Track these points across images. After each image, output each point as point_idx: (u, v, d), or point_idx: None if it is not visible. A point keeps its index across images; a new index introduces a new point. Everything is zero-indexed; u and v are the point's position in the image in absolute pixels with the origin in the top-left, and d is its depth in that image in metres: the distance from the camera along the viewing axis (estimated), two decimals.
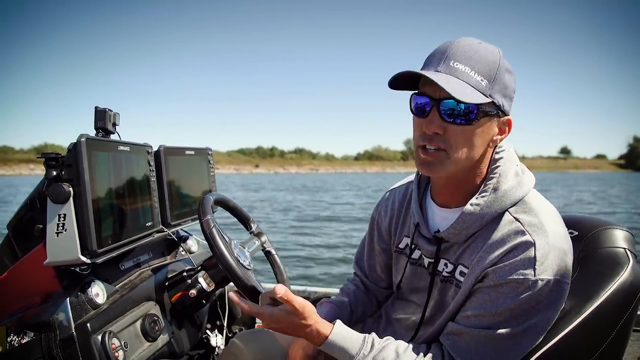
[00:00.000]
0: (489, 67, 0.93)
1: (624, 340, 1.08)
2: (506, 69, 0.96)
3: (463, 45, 0.95)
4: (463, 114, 0.92)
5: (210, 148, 2.04)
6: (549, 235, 0.94)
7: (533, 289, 0.91)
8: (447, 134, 0.95)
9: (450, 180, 1.05)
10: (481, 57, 0.94)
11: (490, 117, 0.96)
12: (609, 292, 1.04)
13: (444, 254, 1.09)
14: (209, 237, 1.24)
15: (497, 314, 0.94)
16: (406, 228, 1.22)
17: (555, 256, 0.93)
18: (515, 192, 1.00)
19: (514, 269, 0.93)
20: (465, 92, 0.90)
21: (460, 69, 0.92)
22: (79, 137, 1.14)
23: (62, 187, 1.11)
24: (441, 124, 0.94)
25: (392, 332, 1.25)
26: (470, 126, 0.94)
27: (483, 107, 0.93)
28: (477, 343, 0.96)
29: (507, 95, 0.97)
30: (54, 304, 1.16)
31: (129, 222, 1.36)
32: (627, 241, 1.14)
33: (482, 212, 1.00)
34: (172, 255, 1.78)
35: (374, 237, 1.33)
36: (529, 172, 1.07)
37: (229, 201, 1.58)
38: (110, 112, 1.36)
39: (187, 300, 1.47)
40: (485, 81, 0.92)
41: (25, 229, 1.29)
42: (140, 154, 1.49)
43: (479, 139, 0.97)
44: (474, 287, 0.99)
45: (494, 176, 1.01)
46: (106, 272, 1.35)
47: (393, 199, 1.29)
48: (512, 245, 0.95)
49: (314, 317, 1.00)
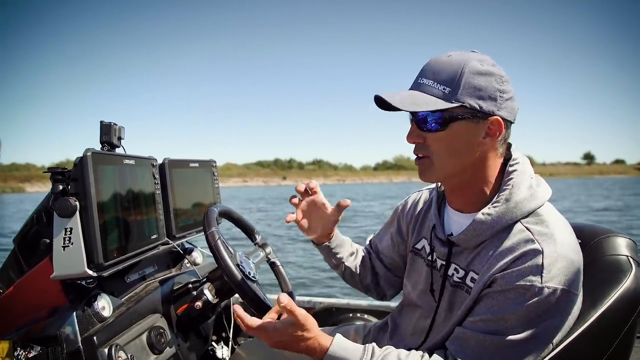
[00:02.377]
0: (451, 75, 0.99)
1: (627, 348, 1.07)
2: (477, 72, 0.99)
3: (432, 61, 1.03)
4: (432, 122, 1.01)
5: (214, 160, 2.05)
6: (557, 245, 0.95)
7: (539, 296, 0.91)
8: (427, 142, 1.03)
9: (455, 186, 1.10)
10: (443, 68, 1.01)
11: (465, 120, 0.99)
12: (612, 300, 1.03)
13: (455, 258, 1.11)
14: (214, 249, 1.24)
15: (503, 320, 0.94)
16: (425, 229, 1.26)
17: (563, 265, 0.93)
18: (528, 204, 1.02)
19: (521, 275, 0.93)
20: (420, 102, 0.99)
21: (425, 82, 1.02)
22: (85, 151, 1.15)
23: (69, 201, 1.11)
24: (420, 134, 1.04)
25: (399, 340, 1.25)
26: (444, 132, 1.01)
27: (450, 112, 0.99)
28: (482, 348, 0.95)
29: (484, 96, 0.99)
30: (61, 318, 1.16)
31: (134, 235, 1.36)
32: (630, 249, 1.14)
33: (493, 221, 1.02)
34: (177, 268, 1.78)
35: (392, 227, 1.41)
36: (545, 185, 1.08)
37: (233, 213, 1.59)
38: (116, 126, 1.37)
39: (193, 312, 1.47)
40: (447, 89, 0.99)
41: (31, 243, 1.29)
42: (145, 167, 1.50)
43: (458, 142, 1.01)
44: (482, 293, 1.00)
45: (507, 187, 1.03)
46: (112, 285, 1.35)
47: (418, 199, 1.36)
48: (520, 253, 0.96)
49: (315, 330, 1.00)
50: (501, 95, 1.00)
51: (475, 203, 1.08)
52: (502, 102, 1.00)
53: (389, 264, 1.42)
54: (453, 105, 0.98)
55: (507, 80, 1.02)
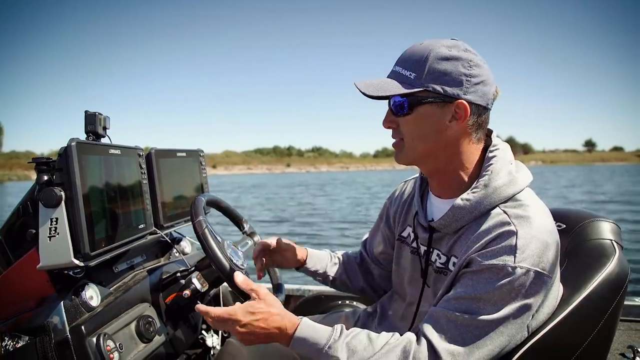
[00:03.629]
0: (417, 61, 1.03)
1: (611, 330, 1.10)
2: (443, 57, 1.01)
3: (407, 50, 1.08)
4: (399, 106, 1.05)
5: (201, 149, 2.05)
6: (532, 227, 0.96)
7: (512, 276, 0.92)
8: (399, 126, 1.08)
9: (431, 171, 1.13)
10: (411, 55, 1.05)
11: (430, 104, 1.03)
12: (596, 283, 1.05)
13: (436, 244, 1.13)
14: (202, 237, 1.25)
15: (475, 299, 0.95)
16: (409, 217, 1.28)
17: (537, 247, 0.94)
18: (507, 189, 1.03)
19: (495, 255, 0.95)
20: (387, 87, 1.04)
21: (397, 70, 1.06)
22: (69, 141, 1.14)
23: (54, 191, 1.11)
24: (393, 119, 1.09)
25: (387, 326, 1.27)
26: (411, 115, 1.05)
27: (415, 96, 1.03)
28: (453, 327, 0.95)
29: (450, 81, 1.01)
30: (48, 308, 1.16)
31: (121, 225, 1.36)
32: (614, 233, 1.17)
33: (471, 206, 1.03)
34: (165, 257, 1.78)
35: (382, 222, 1.44)
36: (525, 170, 1.10)
37: (220, 202, 1.59)
38: (101, 116, 1.37)
39: (181, 301, 1.47)
40: (413, 74, 1.03)
41: (17, 234, 1.29)
42: (131, 157, 1.49)
43: (425, 125, 1.04)
44: (458, 274, 1.01)
45: (486, 173, 1.05)
46: (100, 275, 1.36)
47: (404, 189, 1.38)
48: (496, 234, 0.97)
49: (278, 308, 1.03)
50: (468, 80, 1.01)
51: (455, 189, 1.10)
52: (469, 86, 1.01)
53: (383, 260, 1.44)
54: (417, 90, 1.01)
55: (478, 65, 1.02)
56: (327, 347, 0.96)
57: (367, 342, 0.98)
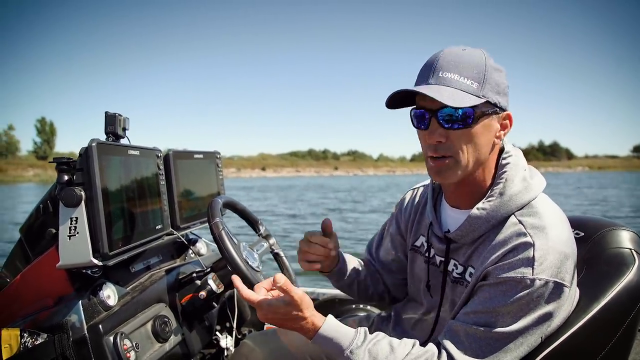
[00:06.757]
0: (476, 70, 0.97)
1: (629, 341, 1.08)
2: (494, 68, 0.99)
3: (448, 55, 1.00)
4: (461, 119, 0.97)
5: (218, 152, 2.06)
6: (549, 238, 0.95)
7: (531, 288, 0.92)
8: (450, 140, 0.99)
9: (460, 183, 1.07)
10: (467, 63, 0.98)
11: (488, 115, 0.99)
12: (615, 292, 1.04)
13: (454, 254, 1.12)
14: (218, 239, 1.25)
15: (494, 312, 0.94)
16: (422, 226, 1.25)
17: (554, 258, 0.94)
18: (522, 197, 1.02)
19: (513, 267, 0.94)
20: (457, 98, 0.94)
21: (449, 77, 0.97)
22: (90, 141, 1.16)
23: (74, 190, 1.12)
24: (442, 132, 0.99)
25: (401, 332, 1.26)
26: (471, 128, 0.98)
27: (479, 108, 0.97)
28: (472, 340, 0.96)
29: (501, 92, 1.00)
30: (67, 306, 1.18)
31: (139, 225, 1.37)
32: (633, 242, 1.14)
33: (488, 215, 1.02)
34: (181, 258, 1.79)
35: (391, 228, 1.37)
36: (539, 176, 1.08)
37: (237, 204, 1.60)
38: (120, 117, 1.38)
39: (197, 301, 1.48)
40: (475, 84, 0.97)
41: (37, 232, 1.31)
42: (149, 158, 1.51)
43: (481, 138, 1.00)
44: (476, 286, 1.01)
45: (501, 181, 1.04)
46: (117, 274, 1.37)
47: (414, 196, 1.34)
48: (512, 246, 0.97)
49: (310, 310, 1.00)
50: (508, 91, 1.01)
51: (472, 198, 1.08)
52: (508, 96, 1.01)
53: (396, 268, 1.38)
54: (482, 101, 0.97)
55: None
56: (349, 350, 0.96)
57: (388, 350, 0.97)
